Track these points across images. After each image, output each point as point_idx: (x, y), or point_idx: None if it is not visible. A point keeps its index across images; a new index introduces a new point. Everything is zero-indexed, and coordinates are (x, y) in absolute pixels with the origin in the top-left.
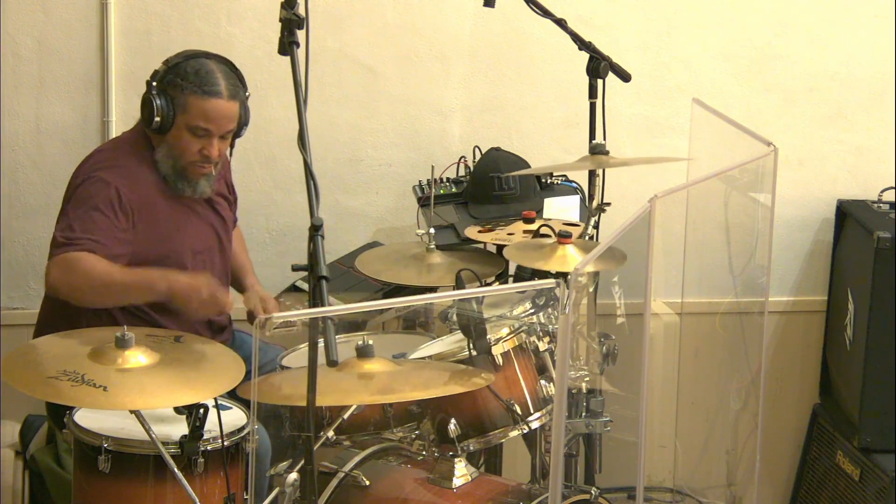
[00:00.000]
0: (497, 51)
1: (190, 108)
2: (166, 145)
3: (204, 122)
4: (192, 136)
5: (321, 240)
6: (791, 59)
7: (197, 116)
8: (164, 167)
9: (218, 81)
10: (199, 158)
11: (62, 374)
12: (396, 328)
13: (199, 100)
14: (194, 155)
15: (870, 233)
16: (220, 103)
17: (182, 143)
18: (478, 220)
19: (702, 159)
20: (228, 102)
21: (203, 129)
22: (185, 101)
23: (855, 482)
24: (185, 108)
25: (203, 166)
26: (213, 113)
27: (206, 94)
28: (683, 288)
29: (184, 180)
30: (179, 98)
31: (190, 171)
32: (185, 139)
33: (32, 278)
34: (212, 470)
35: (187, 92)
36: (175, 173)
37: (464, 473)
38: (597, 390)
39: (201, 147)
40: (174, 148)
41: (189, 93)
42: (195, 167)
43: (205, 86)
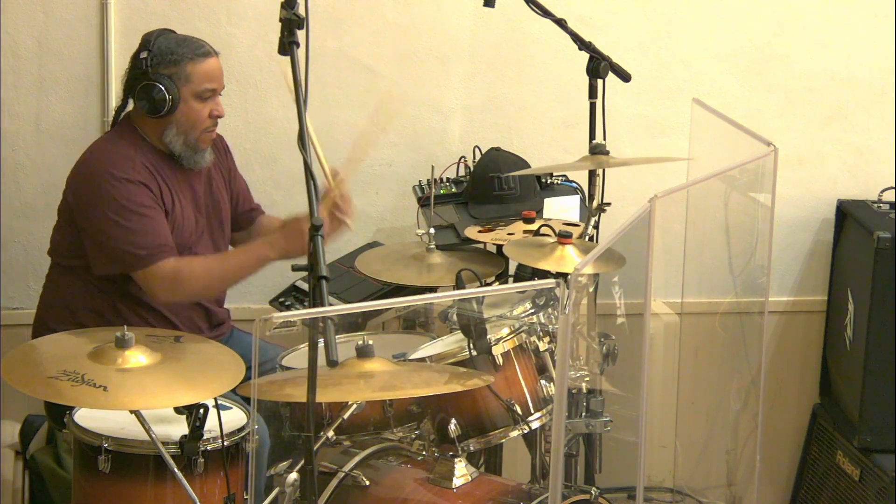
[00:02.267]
0: (497, 51)
1: (193, 76)
2: (175, 124)
3: (209, 83)
4: (201, 102)
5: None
6: (791, 59)
7: (202, 80)
8: (177, 145)
9: (202, 43)
10: (209, 123)
11: (62, 373)
12: (396, 328)
13: (198, 64)
14: (206, 121)
15: (870, 233)
16: (214, 61)
17: (193, 113)
18: (478, 220)
19: (702, 159)
20: (217, 58)
21: (210, 90)
22: (186, 72)
23: (855, 482)
24: (189, 78)
25: (212, 130)
26: (214, 72)
27: (202, 56)
28: (683, 288)
29: (197, 152)
30: (179, 71)
31: (202, 139)
32: (195, 109)
33: (32, 278)
34: (212, 470)
35: (184, 62)
36: (188, 148)
37: (464, 473)
38: (597, 390)
39: (210, 109)
40: (185, 122)
41: (186, 62)
42: (206, 134)
43: (197, 50)
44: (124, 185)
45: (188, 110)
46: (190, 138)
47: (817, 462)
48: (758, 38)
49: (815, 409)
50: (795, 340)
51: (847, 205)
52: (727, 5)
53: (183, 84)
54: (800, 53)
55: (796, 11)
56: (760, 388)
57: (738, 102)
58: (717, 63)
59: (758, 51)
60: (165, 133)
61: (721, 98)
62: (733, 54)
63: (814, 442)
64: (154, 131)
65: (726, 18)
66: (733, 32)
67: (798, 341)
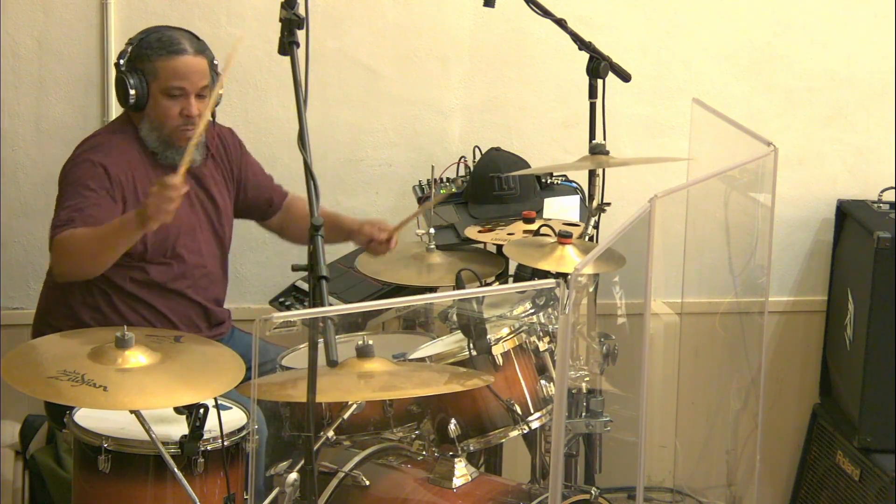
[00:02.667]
0: (497, 51)
1: (160, 73)
2: (147, 118)
3: (176, 80)
4: (169, 99)
5: (321, 240)
6: (791, 59)
7: (169, 77)
8: (151, 140)
9: (180, 41)
10: (181, 122)
11: (62, 373)
12: (396, 328)
13: (167, 61)
14: (176, 119)
15: (870, 233)
16: (187, 59)
17: (161, 109)
18: (478, 220)
19: (702, 159)
20: (195, 58)
21: (177, 87)
22: (154, 67)
23: (855, 482)
24: (156, 74)
25: (187, 129)
26: (182, 69)
27: (172, 53)
28: (683, 288)
29: (172, 149)
30: (148, 67)
31: (175, 137)
32: (163, 105)
33: (32, 278)
34: (212, 470)
35: (154, 58)
36: (162, 144)
37: (464, 473)
38: (597, 390)
39: (181, 108)
40: (155, 118)
41: (156, 58)
42: (179, 132)
43: (169, 47)
44: (84, 165)
45: (156, 106)
46: (163, 134)
47: (817, 462)
48: (758, 38)
49: (815, 409)
50: (795, 340)
51: (847, 205)
52: (727, 5)
53: (151, 80)
54: (800, 53)
55: (796, 11)
56: (760, 388)
57: (738, 102)
58: (717, 63)
59: (758, 51)
60: (141, 126)
61: (721, 98)
62: (733, 54)
63: (814, 442)
64: (138, 124)
65: (726, 18)
66: (733, 32)
67: (798, 341)
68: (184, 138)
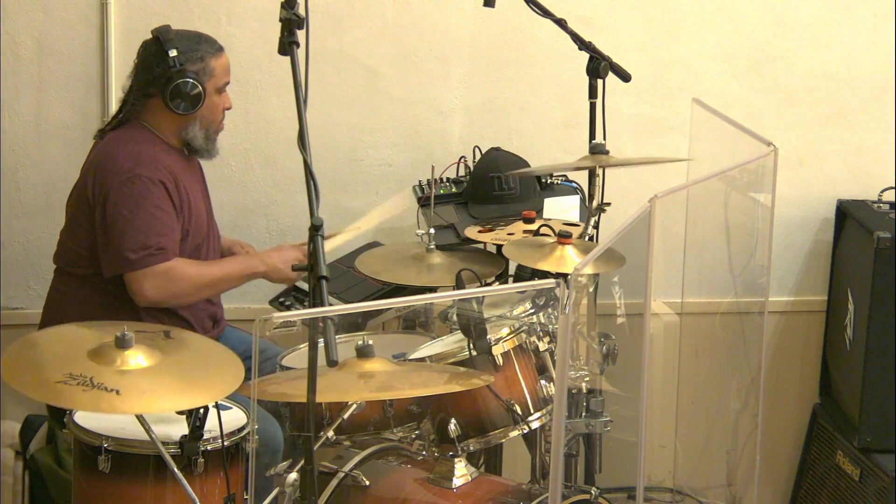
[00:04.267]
0: (497, 51)
1: (216, 71)
2: (199, 118)
3: (226, 76)
4: (219, 96)
5: (321, 240)
6: (791, 59)
7: (222, 74)
8: (199, 139)
9: (211, 38)
10: (222, 115)
11: (69, 377)
12: (396, 328)
13: (218, 59)
14: (221, 113)
15: (870, 233)
16: (226, 55)
17: (214, 106)
18: (478, 220)
19: (702, 159)
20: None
21: (226, 83)
22: (210, 67)
23: (855, 482)
24: (213, 73)
25: (222, 122)
26: (228, 65)
27: (220, 51)
28: (683, 288)
29: (213, 143)
30: (205, 67)
31: (216, 131)
32: (215, 102)
33: (32, 278)
34: (212, 470)
35: (207, 57)
36: (207, 141)
37: (464, 473)
38: (597, 390)
39: (223, 102)
40: (208, 116)
41: (209, 57)
42: (219, 126)
43: (213, 45)
44: (143, 184)
45: (211, 105)
46: (210, 132)
47: (817, 462)
48: (758, 38)
49: (815, 409)
50: (795, 340)
51: (847, 205)
52: (727, 5)
53: (208, 79)
54: (800, 53)
55: (796, 11)
56: (760, 388)
57: (738, 102)
58: (717, 63)
59: (758, 51)
60: (188, 129)
61: (721, 98)
62: (733, 54)
63: (814, 442)
64: (172, 128)
65: (726, 18)
66: (733, 32)
67: (798, 341)
68: (220, 130)
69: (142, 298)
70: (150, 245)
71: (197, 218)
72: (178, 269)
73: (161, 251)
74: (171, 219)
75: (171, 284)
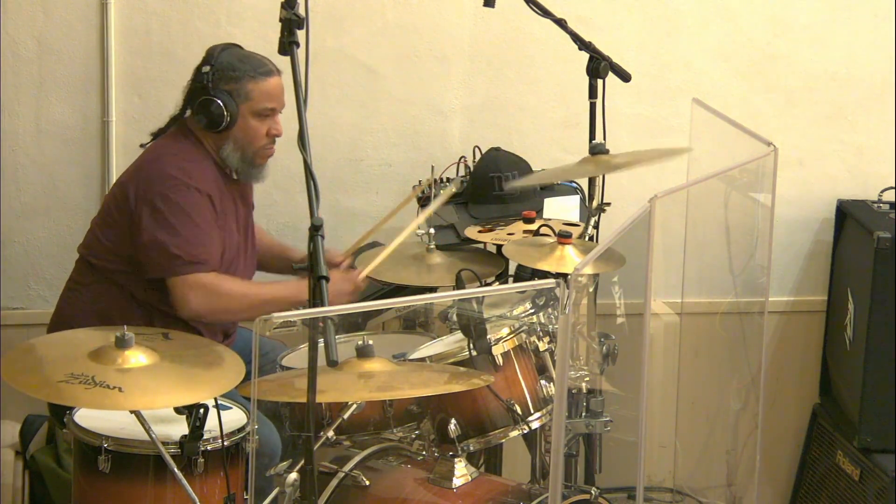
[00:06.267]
0: (497, 51)
1: (253, 94)
2: (232, 139)
3: (269, 102)
4: (259, 120)
5: (321, 240)
6: (791, 59)
7: (262, 99)
8: (234, 160)
9: (266, 62)
10: (267, 141)
11: (70, 377)
12: (396, 328)
13: (259, 83)
14: (263, 139)
15: (870, 233)
16: (276, 80)
17: (251, 130)
18: (478, 220)
19: (702, 159)
20: (280, 77)
21: (270, 109)
22: (247, 89)
23: (855, 482)
24: (249, 96)
25: (270, 147)
26: (273, 91)
27: (263, 75)
28: (683, 288)
29: (254, 167)
30: (239, 89)
31: (259, 156)
32: (252, 126)
33: (32, 278)
34: (212, 470)
35: (245, 80)
36: (246, 164)
37: (464, 473)
38: (597, 390)
39: (268, 128)
40: (242, 139)
41: (248, 80)
42: (264, 151)
43: (259, 69)
44: (191, 193)
45: (246, 127)
46: (247, 154)
47: (817, 462)
48: (758, 38)
49: (815, 409)
50: (795, 340)
51: (847, 205)
52: (727, 5)
53: (242, 101)
54: (800, 53)
55: (796, 11)
56: (760, 388)
57: (738, 102)
58: (717, 63)
59: (758, 51)
60: (223, 147)
61: (721, 98)
62: (733, 54)
63: (814, 442)
64: (212, 144)
65: (726, 18)
66: (733, 32)
67: (798, 341)
68: (265, 157)
69: (186, 309)
70: (194, 254)
71: (229, 236)
72: (223, 285)
73: (205, 262)
74: (213, 231)
75: (216, 298)
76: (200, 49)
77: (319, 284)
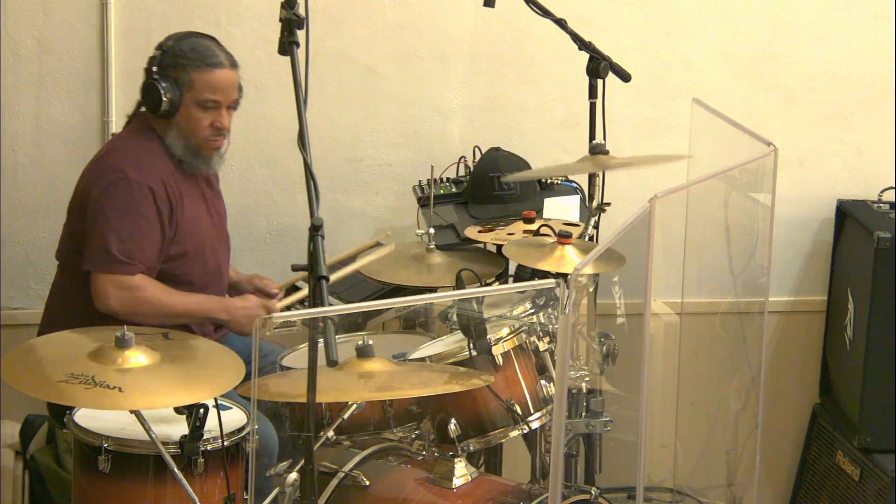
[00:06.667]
0: (497, 51)
1: (196, 84)
2: (176, 127)
3: (212, 93)
4: (201, 111)
5: (321, 240)
6: (791, 59)
7: (204, 90)
8: (178, 149)
9: (217, 53)
10: (210, 133)
11: (70, 377)
12: (396, 328)
13: (204, 73)
14: (206, 129)
15: (870, 233)
16: (224, 73)
17: (193, 120)
18: (478, 220)
19: (702, 159)
20: (231, 71)
21: (212, 101)
22: (191, 78)
23: (855, 482)
24: (192, 85)
25: (215, 139)
26: (218, 83)
27: (210, 66)
28: (683, 288)
29: (198, 158)
30: (184, 77)
31: (204, 147)
32: (195, 116)
33: (32, 278)
34: (212, 470)
35: (190, 69)
36: (189, 153)
37: (464, 473)
38: (597, 390)
39: (212, 120)
40: (185, 127)
41: (192, 69)
42: (208, 142)
43: (207, 59)
44: (133, 189)
45: (188, 116)
46: (190, 143)
47: (817, 462)
48: (758, 38)
49: (815, 409)
50: (795, 340)
51: (847, 205)
52: (727, 5)
53: (186, 90)
54: (800, 53)
55: (796, 11)
56: (760, 388)
57: (738, 102)
58: (717, 63)
59: (758, 51)
60: (168, 134)
61: (721, 98)
62: (733, 54)
63: (814, 442)
64: (163, 132)
65: (726, 18)
66: (733, 32)
67: (798, 341)
68: (211, 148)
69: (103, 304)
70: (123, 251)
71: (194, 224)
72: (146, 290)
73: (136, 262)
74: (151, 229)
75: (136, 303)
76: None
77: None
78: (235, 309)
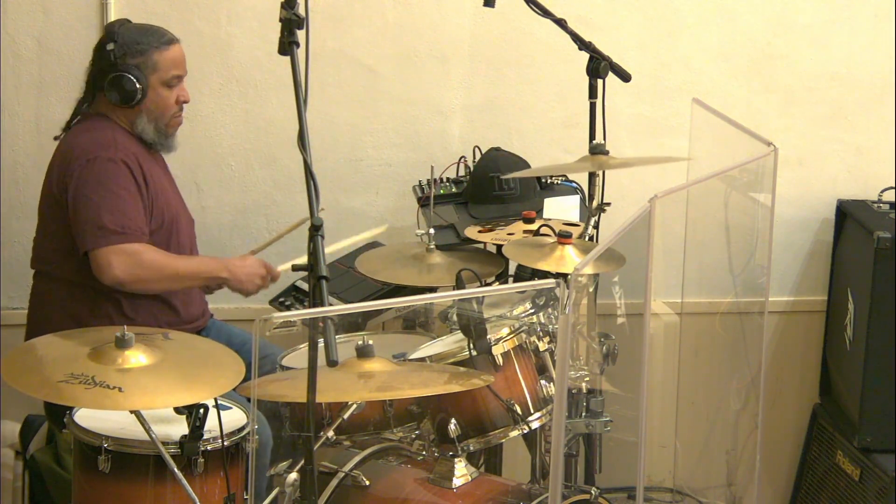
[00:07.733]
0: (497, 51)
1: (160, 64)
2: (145, 112)
3: (175, 69)
4: (167, 89)
5: (321, 240)
6: (791, 59)
7: (169, 67)
8: (149, 133)
9: (164, 31)
10: (176, 108)
11: (70, 377)
12: (396, 328)
13: (165, 52)
14: (173, 107)
15: (870, 233)
16: (178, 48)
17: (161, 100)
18: (478, 220)
19: (702, 159)
20: (180, 45)
21: (176, 76)
22: (154, 60)
23: (855, 482)
24: (156, 66)
25: (179, 115)
26: (177, 58)
27: (167, 44)
28: (683, 288)
29: (166, 137)
30: (146, 61)
31: (171, 125)
32: (163, 96)
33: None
34: (212, 470)
35: (151, 51)
36: (158, 134)
37: (464, 473)
38: (597, 390)
39: (177, 96)
40: (155, 110)
41: (153, 51)
42: (175, 119)
43: (161, 38)
44: (108, 165)
45: (157, 98)
46: (160, 125)
47: (817, 462)
48: (758, 38)
49: (815, 409)
50: (795, 340)
51: (847, 205)
52: (727, 5)
53: (151, 72)
54: (800, 53)
55: (796, 11)
56: (760, 388)
57: (738, 102)
58: (717, 63)
59: (758, 51)
60: (136, 122)
61: (721, 98)
62: (733, 54)
63: (814, 442)
64: (125, 121)
65: (726, 18)
66: (733, 32)
67: (798, 341)
68: (176, 125)
69: (108, 276)
70: (116, 223)
71: (164, 197)
72: (146, 254)
73: (126, 232)
74: (135, 199)
75: (139, 268)
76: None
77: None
78: (235, 267)
